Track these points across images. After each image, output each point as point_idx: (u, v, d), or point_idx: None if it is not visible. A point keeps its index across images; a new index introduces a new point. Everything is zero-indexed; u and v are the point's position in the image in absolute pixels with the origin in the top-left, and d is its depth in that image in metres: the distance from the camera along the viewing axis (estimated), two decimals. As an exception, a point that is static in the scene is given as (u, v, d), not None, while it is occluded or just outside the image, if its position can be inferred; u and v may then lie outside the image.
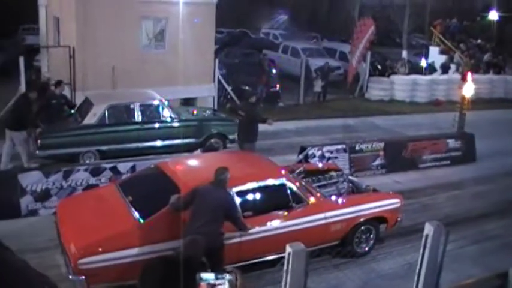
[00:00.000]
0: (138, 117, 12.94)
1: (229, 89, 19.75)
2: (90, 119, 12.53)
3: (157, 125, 13.16)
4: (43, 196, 10.00)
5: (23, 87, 15.16)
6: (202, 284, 2.61)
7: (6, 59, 23.10)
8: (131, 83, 15.71)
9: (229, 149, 13.50)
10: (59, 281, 7.24)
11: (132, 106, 12.96)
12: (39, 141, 11.98)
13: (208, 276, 2.67)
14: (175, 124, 13.32)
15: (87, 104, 13.06)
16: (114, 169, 10.57)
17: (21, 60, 15.26)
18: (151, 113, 13.18)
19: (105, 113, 12.61)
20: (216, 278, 2.70)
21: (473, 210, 11.61)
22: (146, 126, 13.02)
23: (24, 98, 12.09)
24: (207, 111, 15.19)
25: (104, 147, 12.50)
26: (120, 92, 14.98)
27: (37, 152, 12.01)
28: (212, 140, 13.81)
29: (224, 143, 13.79)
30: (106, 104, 12.76)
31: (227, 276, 2.73)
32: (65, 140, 12.32)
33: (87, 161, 12.05)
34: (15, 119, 11.71)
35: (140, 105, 13.01)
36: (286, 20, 41.89)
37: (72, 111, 13.52)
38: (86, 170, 10.37)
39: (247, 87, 19.03)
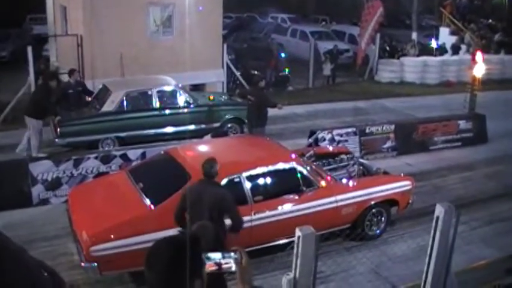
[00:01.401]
0: (156, 103, 13.02)
1: (237, 74, 19.69)
2: (109, 106, 12.61)
3: (174, 111, 13.23)
4: (54, 185, 10.05)
5: (31, 77, 15.21)
6: (209, 263, 2.60)
7: (15, 49, 23.28)
8: (139, 70, 15.72)
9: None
10: (70, 268, 7.39)
11: (149, 92, 13.05)
12: (58, 130, 12.09)
13: (215, 255, 2.67)
14: (193, 109, 13.38)
15: (104, 92, 13.14)
16: (124, 156, 10.59)
17: (30, 49, 15.28)
18: (168, 98, 13.29)
19: (123, 100, 12.70)
20: (223, 257, 2.69)
21: (485, 192, 11.53)
22: (164, 112, 13.10)
23: (44, 86, 12.21)
24: (223, 96, 15.19)
25: (122, 134, 12.59)
26: (136, 78, 15.02)
27: (56, 140, 12.12)
28: (229, 125, 13.85)
29: (241, 127, 13.78)
30: (124, 90, 12.84)
31: (233, 254, 2.72)
32: (84, 127, 12.41)
33: (106, 148, 12.15)
34: (36, 107, 11.85)
35: (158, 91, 13.08)
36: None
37: (90, 99, 13.60)
38: (96, 157, 10.41)
39: (256, 72, 18.96)
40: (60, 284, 2.16)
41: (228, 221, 6.64)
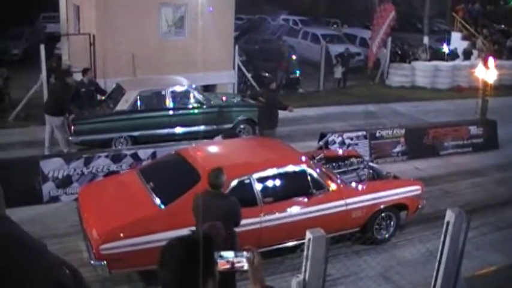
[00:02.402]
0: (170, 103, 13.10)
1: (249, 75, 19.71)
2: (123, 105, 12.69)
3: (188, 111, 13.30)
4: (64, 182, 10.10)
5: (44, 75, 15.30)
6: (222, 261, 2.62)
7: (27, 47, 23.44)
8: (151, 70, 15.78)
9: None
10: (80, 266, 7.34)
11: (163, 92, 13.12)
12: (72, 127, 12.20)
13: (228, 254, 2.68)
14: (206, 110, 13.43)
15: (118, 91, 13.23)
16: (134, 155, 10.63)
17: (42, 48, 15.36)
18: (181, 98, 13.37)
19: (137, 99, 12.77)
20: (235, 256, 2.70)
21: (495, 197, 11.48)
22: (177, 112, 13.15)
23: (63, 83, 12.31)
24: (236, 98, 15.23)
25: (135, 133, 12.67)
26: (150, 78, 15.11)
27: (70, 138, 12.22)
28: (242, 126, 13.89)
29: (253, 128, 13.78)
30: (138, 90, 12.92)
31: (245, 253, 2.74)
32: (98, 126, 12.50)
33: (119, 147, 12.23)
34: (54, 104, 11.98)
35: (171, 92, 13.15)
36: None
37: (103, 97, 13.70)
38: (106, 156, 10.45)
39: (267, 74, 18.97)
40: (81, 280, 2.18)
41: None
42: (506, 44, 27.27)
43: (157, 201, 7.55)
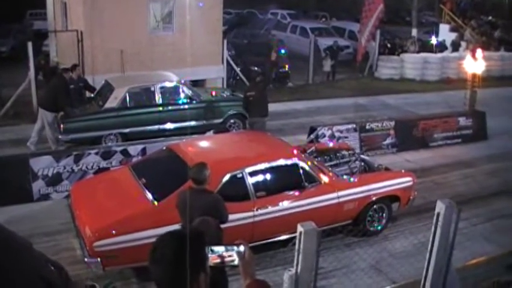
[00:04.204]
0: (159, 99, 13.08)
1: (237, 69, 19.70)
2: (112, 102, 12.65)
3: (177, 107, 13.28)
4: (55, 180, 10.07)
5: (32, 73, 15.21)
6: (213, 256, 2.63)
7: (15, 44, 23.25)
8: (140, 66, 15.72)
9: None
10: (72, 263, 7.39)
11: (152, 88, 13.09)
12: (61, 126, 12.14)
13: (219, 248, 2.69)
14: (196, 105, 13.43)
15: (107, 88, 13.18)
16: (124, 152, 10.61)
17: (30, 45, 15.26)
18: (171, 94, 13.34)
19: (126, 96, 12.74)
20: (226, 250, 2.71)
21: (485, 188, 11.56)
22: (167, 108, 13.13)
23: (61, 79, 12.29)
24: (226, 92, 15.23)
25: (125, 130, 12.64)
26: (139, 74, 15.04)
27: (60, 136, 12.17)
28: (232, 121, 13.88)
29: (244, 123, 13.79)
30: (127, 87, 12.88)
31: (236, 248, 2.75)
32: (88, 123, 12.46)
33: (109, 144, 12.18)
34: (53, 99, 12.00)
35: (160, 87, 13.13)
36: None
37: (92, 95, 13.63)
38: (96, 153, 10.42)
39: (255, 68, 18.96)
40: (67, 277, 2.17)
41: None
42: (494, 36, 27.41)
43: (150, 197, 7.54)
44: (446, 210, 5.53)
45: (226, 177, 7.58)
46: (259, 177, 7.96)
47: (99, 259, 6.86)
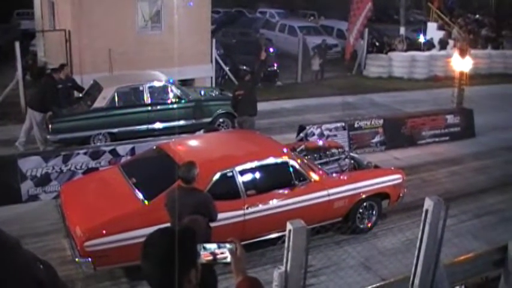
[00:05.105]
0: (148, 98, 13.04)
1: (226, 69, 19.70)
2: (100, 102, 12.60)
3: (166, 106, 13.25)
4: (43, 181, 10.01)
5: (19, 73, 15.13)
6: (205, 253, 2.65)
7: (2, 44, 23.03)
8: (128, 66, 15.65)
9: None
10: (62, 263, 7.37)
11: (141, 88, 13.06)
12: (50, 126, 12.09)
13: (211, 245, 2.71)
14: (185, 104, 13.41)
15: (96, 88, 13.13)
16: (113, 152, 10.58)
17: (17, 45, 15.16)
18: (159, 94, 13.31)
19: (114, 96, 12.69)
20: (218, 247, 2.74)
21: (473, 185, 11.66)
22: (156, 107, 13.09)
23: (49, 78, 12.24)
24: (214, 91, 15.21)
25: (114, 130, 12.58)
26: (127, 74, 14.95)
27: (48, 136, 12.12)
28: (221, 120, 13.88)
29: (233, 122, 13.77)
30: (115, 86, 12.83)
31: (228, 245, 2.77)
32: (76, 123, 12.40)
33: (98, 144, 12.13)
34: (42, 100, 11.98)
35: (149, 87, 13.10)
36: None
37: (81, 95, 13.58)
38: (85, 153, 10.38)
39: (244, 67, 18.96)
40: (55, 276, 2.17)
41: None
42: (481, 34, 27.58)
43: (141, 196, 7.54)
44: (434, 207, 5.56)
45: (217, 176, 7.60)
46: (250, 176, 7.98)
47: (90, 259, 6.85)
